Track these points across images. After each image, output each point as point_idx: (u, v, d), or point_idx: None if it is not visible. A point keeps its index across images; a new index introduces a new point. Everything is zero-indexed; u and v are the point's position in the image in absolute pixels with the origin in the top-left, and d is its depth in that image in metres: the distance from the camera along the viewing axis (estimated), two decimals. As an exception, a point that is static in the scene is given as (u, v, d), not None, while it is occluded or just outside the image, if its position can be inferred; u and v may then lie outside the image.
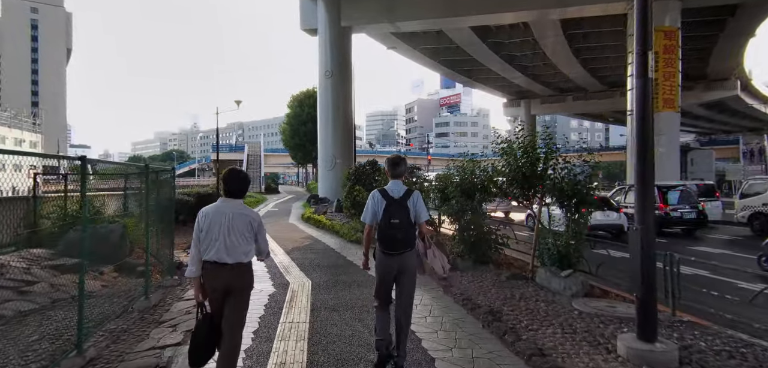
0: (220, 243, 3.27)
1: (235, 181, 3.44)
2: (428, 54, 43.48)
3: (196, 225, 3.36)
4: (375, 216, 3.83)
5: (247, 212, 3.45)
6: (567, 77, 49.06)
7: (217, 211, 3.36)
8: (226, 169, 3.71)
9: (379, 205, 3.82)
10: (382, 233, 3.78)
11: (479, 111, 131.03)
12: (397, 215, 3.76)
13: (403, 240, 3.78)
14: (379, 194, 3.89)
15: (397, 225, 3.74)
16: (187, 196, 16.39)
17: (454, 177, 9.25)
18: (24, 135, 51.93)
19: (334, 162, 28.39)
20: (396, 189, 3.88)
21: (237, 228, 3.31)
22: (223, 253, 3.27)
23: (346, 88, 29.00)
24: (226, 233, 3.28)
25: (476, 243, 8.32)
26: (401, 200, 3.81)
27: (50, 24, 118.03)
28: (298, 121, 42.79)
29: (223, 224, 3.29)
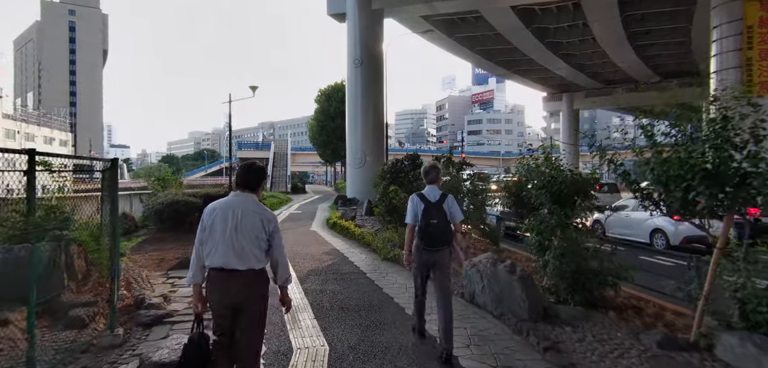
0: (227, 244, 2.77)
1: (246, 170, 2.99)
2: (464, 43, 40.37)
3: (200, 223, 2.89)
4: (415, 217, 4.31)
5: (260, 210, 2.91)
6: (616, 67, 44.92)
7: (225, 206, 2.86)
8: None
9: (418, 207, 4.31)
10: (423, 232, 4.24)
11: (513, 107, 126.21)
12: (435, 216, 4.23)
13: (441, 238, 4.26)
14: (418, 198, 4.39)
15: (436, 225, 4.21)
16: (193, 197, 14.05)
17: (539, 174, 6.36)
18: (54, 133, 51.76)
19: (364, 159, 25.79)
20: (432, 193, 4.39)
21: (247, 227, 2.81)
22: (231, 257, 2.76)
23: (376, 78, 26.31)
24: (232, 232, 2.78)
25: (578, 276, 5.43)
26: (438, 203, 4.30)
27: (87, 25, 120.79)
28: (325, 116, 40.42)
29: (229, 221, 2.80)
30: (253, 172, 3.02)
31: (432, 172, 4.51)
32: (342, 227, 12.81)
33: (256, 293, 2.87)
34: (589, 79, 50.77)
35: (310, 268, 7.86)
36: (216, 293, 2.84)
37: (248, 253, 2.81)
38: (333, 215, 15.90)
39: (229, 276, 2.78)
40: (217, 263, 2.80)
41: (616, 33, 34.82)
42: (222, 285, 2.80)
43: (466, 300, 5.89)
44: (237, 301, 2.80)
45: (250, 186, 2.97)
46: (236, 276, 2.78)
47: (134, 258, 8.92)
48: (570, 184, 5.98)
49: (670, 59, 42.58)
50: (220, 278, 2.80)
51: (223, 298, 2.81)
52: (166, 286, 6.60)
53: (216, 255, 2.80)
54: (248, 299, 2.84)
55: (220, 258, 2.79)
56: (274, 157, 47.86)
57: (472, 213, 9.67)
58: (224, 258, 2.78)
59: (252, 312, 2.86)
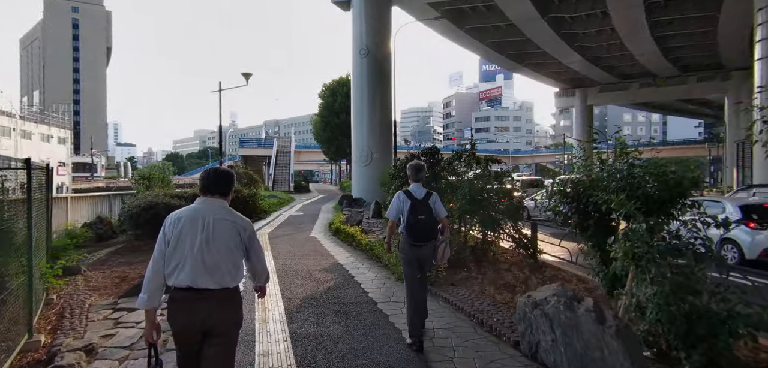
0: (196, 259, 2.37)
1: (213, 173, 2.59)
2: (475, 35, 38.50)
3: (160, 234, 2.44)
4: (399, 213, 4.45)
5: (234, 217, 2.55)
6: (634, 60, 42.84)
7: (193, 214, 2.47)
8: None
9: (404, 204, 4.43)
10: (411, 228, 4.37)
11: (522, 104, 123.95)
12: (422, 212, 4.38)
13: (428, 234, 4.43)
14: (404, 195, 4.49)
15: (423, 221, 4.37)
16: (178, 198, 12.32)
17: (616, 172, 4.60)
18: (52, 130, 50.37)
19: (371, 156, 24.05)
20: (418, 191, 4.52)
21: (220, 238, 2.43)
22: (201, 274, 2.37)
23: (384, 69, 24.53)
24: (204, 244, 2.39)
25: (694, 322, 3.64)
26: (424, 200, 4.45)
27: (90, 22, 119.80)
28: (329, 111, 38.69)
29: (199, 232, 2.40)
30: (222, 175, 2.63)
31: (422, 170, 4.66)
32: (346, 233, 11.06)
33: (229, 316, 2.46)
34: (604, 72, 48.67)
35: (303, 295, 6.08)
36: (182, 317, 2.39)
37: (222, 269, 2.41)
38: (337, 218, 14.15)
39: (198, 296, 2.38)
40: (183, 282, 2.38)
41: (637, 22, 32.83)
42: (189, 308, 2.38)
43: (525, 355, 4.09)
44: (207, 326, 2.39)
45: (220, 190, 2.57)
46: (207, 297, 2.39)
47: (89, 277, 7.21)
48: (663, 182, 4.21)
49: (692, 51, 40.46)
50: (188, 299, 2.39)
51: (191, 323, 2.38)
52: (105, 325, 4.87)
53: (183, 273, 2.38)
54: (221, 324, 2.41)
55: (187, 276, 2.38)
56: (276, 154, 46.16)
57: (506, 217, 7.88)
58: (193, 276, 2.38)
59: (224, 340, 2.43)
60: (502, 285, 6.62)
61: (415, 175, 4.60)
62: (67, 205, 11.48)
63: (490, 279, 6.96)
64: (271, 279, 6.88)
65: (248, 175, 19.03)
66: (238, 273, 2.50)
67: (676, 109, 68.15)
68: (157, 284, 2.41)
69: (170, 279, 2.40)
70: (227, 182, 2.63)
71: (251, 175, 19.36)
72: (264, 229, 13.37)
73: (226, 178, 2.63)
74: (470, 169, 9.51)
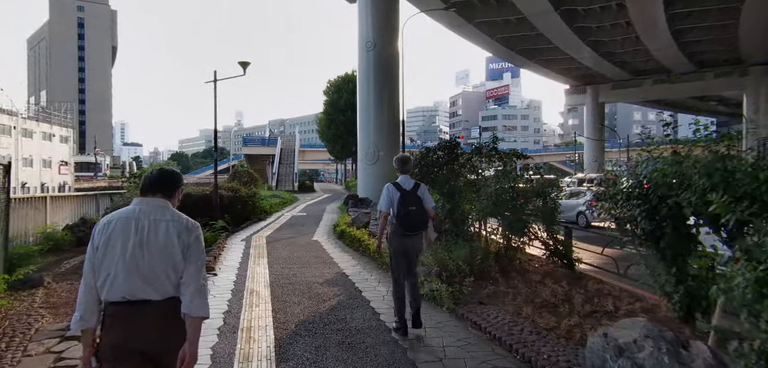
0: (130, 266, 2.03)
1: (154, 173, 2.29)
2: (484, 29, 37.31)
3: (90, 242, 2.12)
4: (391, 204, 4.49)
5: (176, 218, 2.16)
6: (649, 55, 41.45)
7: (126, 216, 2.13)
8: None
9: (394, 196, 4.49)
10: (402, 218, 4.44)
11: (530, 103, 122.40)
12: (412, 203, 4.46)
13: (418, 223, 4.51)
14: (393, 187, 4.56)
15: (414, 212, 4.44)
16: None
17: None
18: (53, 129, 49.69)
19: (377, 155, 22.98)
20: (406, 182, 4.60)
21: (156, 241, 2.08)
22: (137, 283, 2.03)
23: (391, 63, 23.41)
24: (137, 249, 2.05)
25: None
26: (412, 191, 4.54)
27: (95, 21, 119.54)
28: (335, 109, 37.59)
29: (132, 235, 2.08)
30: (164, 174, 2.28)
31: (408, 162, 4.81)
32: (352, 237, 9.96)
33: (177, 332, 2.02)
34: (616, 68, 47.26)
35: (300, 317, 4.98)
36: (117, 335, 2.00)
37: (162, 277, 2.04)
38: (342, 220, 13.07)
39: (136, 310, 2.01)
40: (117, 294, 2.02)
41: (655, 14, 31.50)
42: (126, 325, 2.00)
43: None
44: (150, 345, 2.01)
45: (161, 190, 2.20)
46: (148, 310, 2.02)
47: (52, 290, 6.17)
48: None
49: (711, 45, 39.00)
50: (124, 314, 2.01)
51: (129, 341, 1.99)
52: (43, 361, 3.79)
53: (116, 283, 2.02)
54: (166, 341, 2.02)
55: (121, 287, 2.02)
56: (281, 153, 45.20)
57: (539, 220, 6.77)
58: (127, 286, 2.02)
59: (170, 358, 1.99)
60: (540, 304, 5.51)
61: (402, 167, 4.72)
62: (45, 206, 10.47)
63: (523, 295, 5.84)
64: (263, 295, 5.80)
65: (248, 173, 17.97)
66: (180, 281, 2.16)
67: (689, 106, 66.45)
68: (90, 300, 2.08)
69: (102, 293, 2.07)
70: (170, 181, 2.28)
71: (251, 173, 18.29)
72: (262, 232, 12.31)
73: (168, 177, 2.29)
74: (492, 165, 8.42)
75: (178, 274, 2.10)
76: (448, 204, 7.54)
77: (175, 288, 2.10)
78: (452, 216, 7.68)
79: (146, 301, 2.04)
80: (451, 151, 7.84)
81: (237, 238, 11.03)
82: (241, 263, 7.94)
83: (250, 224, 14.06)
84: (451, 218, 7.69)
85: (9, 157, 44.24)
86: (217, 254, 8.48)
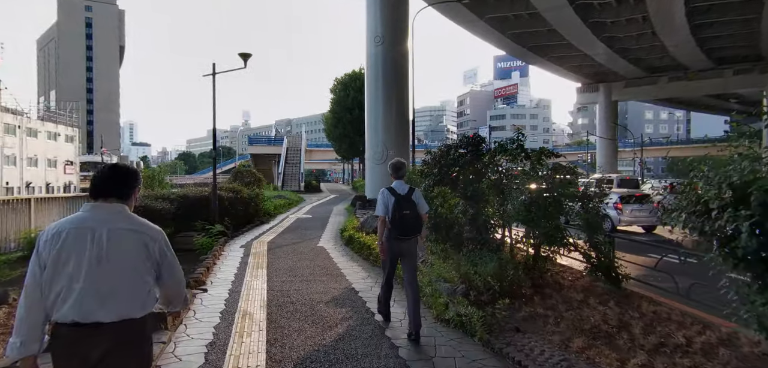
0: (85, 285, 1.79)
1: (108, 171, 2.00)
2: (495, 25, 36.29)
3: (33, 256, 1.87)
4: (386, 210, 4.58)
5: (137, 225, 1.93)
6: (665, 51, 40.18)
7: (79, 226, 1.86)
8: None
9: (389, 201, 4.57)
10: (397, 222, 4.50)
11: (539, 102, 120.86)
12: (407, 207, 4.52)
13: (413, 227, 4.56)
14: (388, 192, 4.64)
15: (409, 216, 4.50)
16: (161, 200, 10.43)
17: None
18: (59, 128, 49.28)
19: (386, 153, 22.01)
20: (400, 187, 4.65)
21: (118, 254, 1.85)
22: (92, 304, 1.79)
23: (401, 58, 22.47)
24: (94, 265, 1.81)
25: None
26: (407, 195, 4.59)
27: (103, 21, 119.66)
28: (341, 107, 36.68)
29: (88, 248, 1.82)
30: (118, 172, 2.00)
31: (402, 168, 4.81)
32: (361, 244, 9.05)
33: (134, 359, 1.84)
34: (630, 65, 45.95)
35: (301, 350, 4.03)
36: (64, 362, 1.79)
37: (122, 295, 1.82)
38: (349, 224, 12.16)
39: (87, 334, 1.77)
40: (68, 316, 1.77)
41: (673, 9, 30.32)
42: (79, 350, 1.77)
43: None
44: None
45: (116, 191, 1.94)
46: (102, 334, 1.78)
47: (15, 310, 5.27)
48: None
49: (730, 41, 37.66)
50: (76, 339, 1.77)
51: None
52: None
53: (67, 304, 1.78)
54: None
55: (73, 308, 1.77)
56: (287, 152, 44.40)
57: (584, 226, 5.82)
58: (80, 307, 1.77)
59: None
60: (589, 331, 4.56)
61: (396, 173, 4.76)
62: (29, 209, 9.67)
63: (567, 320, 4.89)
64: (257, 319, 4.90)
65: (251, 173, 17.11)
66: (146, 300, 1.90)
67: (705, 105, 64.84)
68: (33, 322, 1.80)
69: (53, 313, 1.81)
70: (125, 181, 1.99)
71: (254, 173, 17.44)
72: (264, 237, 11.43)
73: (123, 176, 1.99)
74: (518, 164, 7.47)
75: (142, 290, 1.88)
76: (470, 209, 6.59)
77: (136, 307, 1.87)
78: (475, 222, 6.73)
79: (98, 325, 1.79)
80: (476, 147, 6.88)
81: (236, 244, 10.15)
82: (236, 275, 7.05)
83: (251, 227, 13.21)
84: (474, 224, 6.74)
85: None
86: (211, 264, 7.60)
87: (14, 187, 41.69)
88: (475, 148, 6.86)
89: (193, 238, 10.15)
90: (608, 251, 5.98)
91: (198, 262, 7.84)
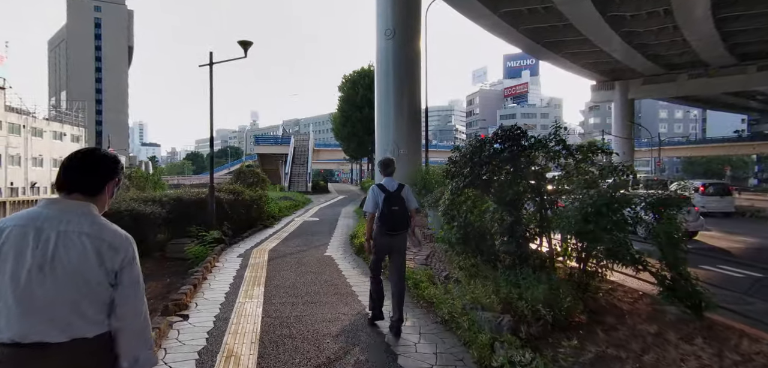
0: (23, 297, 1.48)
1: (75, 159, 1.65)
2: (509, 20, 35.03)
3: None
4: (376, 206, 4.68)
5: (97, 230, 1.57)
6: (685, 46, 38.63)
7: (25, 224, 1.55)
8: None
9: (379, 197, 4.67)
10: (385, 218, 4.61)
11: (550, 101, 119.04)
12: (396, 204, 4.62)
13: (401, 224, 4.66)
14: (378, 188, 4.73)
15: (397, 212, 4.61)
16: (151, 203, 9.36)
17: None
18: (64, 128, 48.79)
19: (397, 152, 20.85)
20: (390, 184, 4.75)
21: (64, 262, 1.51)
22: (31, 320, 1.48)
23: (413, 51, 21.32)
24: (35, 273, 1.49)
25: None
26: (396, 192, 4.69)
27: (112, 21, 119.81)
28: (350, 105, 35.59)
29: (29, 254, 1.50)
30: (87, 159, 1.65)
31: (391, 165, 4.95)
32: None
33: None
34: (648, 62, 44.39)
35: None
36: None
37: (69, 312, 1.48)
38: (359, 229, 11.04)
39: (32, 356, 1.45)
40: (5, 333, 1.46)
41: (697, 1, 28.84)
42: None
43: None
44: None
45: (83, 185, 1.61)
46: (49, 356, 1.46)
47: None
48: None
49: (757, 35, 36.00)
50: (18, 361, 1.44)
51: None
52: None
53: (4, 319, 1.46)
54: None
55: (10, 324, 1.45)
56: (294, 152, 43.40)
57: (662, 241, 4.64)
58: (19, 324, 1.45)
59: None
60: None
61: (384, 170, 4.91)
62: (4, 212, 8.66)
63: (650, 366, 3.72)
64: (243, 361, 3.77)
65: (254, 173, 16.05)
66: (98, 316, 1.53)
67: (724, 102, 62.86)
68: None
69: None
70: (96, 170, 1.64)
71: (258, 173, 16.37)
72: (266, 244, 10.35)
73: (94, 165, 1.64)
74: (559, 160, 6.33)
75: (95, 309, 1.53)
76: (508, 216, 5.44)
77: (89, 326, 1.52)
78: (514, 232, 5.57)
79: (44, 346, 1.46)
80: (515, 141, 5.70)
81: (234, 253, 9.08)
82: (228, 294, 5.96)
83: (253, 232, 12.15)
84: (513, 235, 5.58)
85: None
86: (201, 279, 6.51)
87: (19, 188, 41.17)
88: (515, 141, 5.68)
89: (186, 247, 9.08)
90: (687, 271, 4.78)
91: (186, 276, 6.77)
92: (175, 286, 6.32)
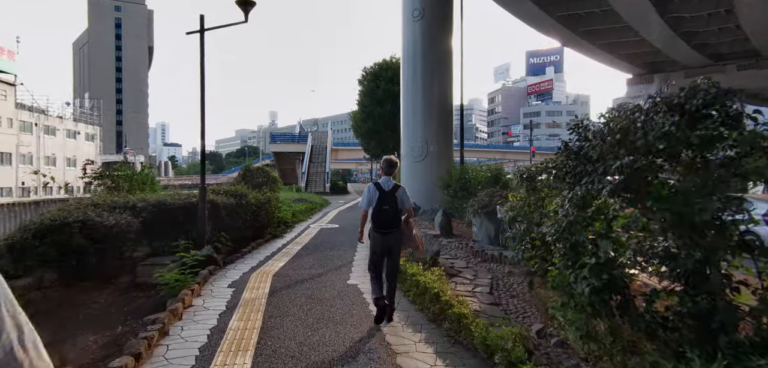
0: None
1: None
2: (542, 5, 32.20)
3: None
4: (370, 203, 4.91)
5: None
6: (738, 33, 35.20)
7: None
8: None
9: (373, 195, 4.89)
10: (376, 216, 4.86)
11: (576, 98, 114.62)
12: (387, 203, 4.83)
13: (391, 222, 4.86)
14: (374, 187, 4.96)
15: (387, 211, 4.83)
16: (120, 210, 7.10)
17: None
18: (78, 127, 47.67)
19: (426, 149, 18.46)
20: (386, 183, 4.93)
21: None
22: None
23: (444, 35, 18.83)
24: None
25: None
26: (390, 192, 4.89)
27: (132, 22, 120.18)
28: (371, 100, 33.18)
29: None
30: None
31: (393, 166, 5.05)
32: (420, 287, 5.44)
33: None
34: (693, 52, 40.83)
35: None
36: None
37: None
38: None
39: None
40: None
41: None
42: None
43: None
44: None
45: None
46: None
47: None
48: None
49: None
50: None
51: None
52: None
53: None
54: None
55: None
56: (311, 151, 41.27)
57: None
58: None
59: None
60: None
61: (387, 169, 5.02)
62: None
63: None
64: None
65: (263, 172, 13.75)
66: None
67: None
68: None
69: None
70: None
71: (267, 171, 14.07)
72: (270, 264, 7.98)
73: None
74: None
75: None
76: (696, 253, 2.89)
77: None
78: (704, 280, 3.02)
79: None
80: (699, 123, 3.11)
81: (225, 279, 6.74)
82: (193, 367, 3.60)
83: (258, 245, 9.84)
84: (702, 283, 3.03)
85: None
86: (159, 335, 4.16)
87: (30, 187, 40.04)
88: (697, 123, 3.08)
89: (166, 268, 6.76)
90: None
91: (142, 326, 4.45)
92: (114, 349, 3.99)
